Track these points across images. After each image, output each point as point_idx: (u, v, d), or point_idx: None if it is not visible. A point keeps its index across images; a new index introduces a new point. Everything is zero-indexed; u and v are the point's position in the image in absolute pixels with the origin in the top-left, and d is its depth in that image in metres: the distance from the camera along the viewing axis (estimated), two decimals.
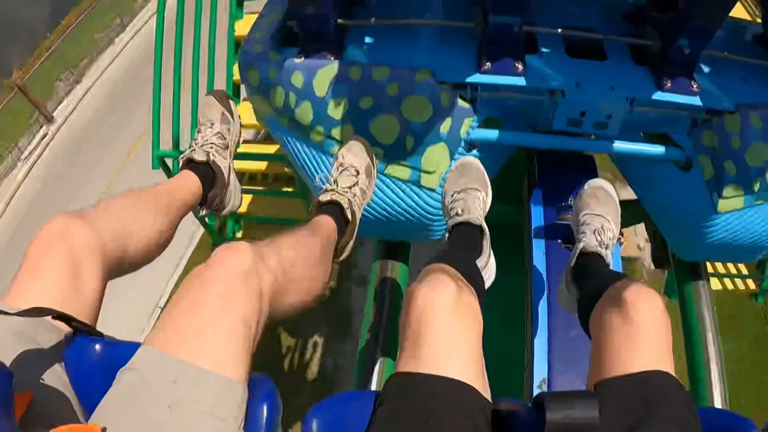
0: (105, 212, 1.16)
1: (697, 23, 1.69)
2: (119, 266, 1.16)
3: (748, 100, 1.86)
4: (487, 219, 1.61)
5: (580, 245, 1.55)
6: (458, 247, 1.46)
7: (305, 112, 1.84)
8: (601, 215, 1.60)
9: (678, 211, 2.04)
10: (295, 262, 1.15)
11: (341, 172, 1.63)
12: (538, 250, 1.97)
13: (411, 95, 1.76)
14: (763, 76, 1.98)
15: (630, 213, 2.02)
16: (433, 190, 1.85)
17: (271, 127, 2.04)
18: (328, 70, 1.81)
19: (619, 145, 1.90)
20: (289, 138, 1.97)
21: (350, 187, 1.61)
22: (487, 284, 1.53)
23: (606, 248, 1.55)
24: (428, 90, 1.75)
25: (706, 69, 1.95)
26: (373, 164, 1.74)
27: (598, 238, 1.55)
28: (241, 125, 1.77)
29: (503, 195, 1.98)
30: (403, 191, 1.89)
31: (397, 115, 1.78)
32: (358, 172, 1.65)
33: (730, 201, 1.93)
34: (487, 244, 1.56)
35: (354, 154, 1.68)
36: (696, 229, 2.03)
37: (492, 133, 1.85)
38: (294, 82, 1.84)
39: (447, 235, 1.59)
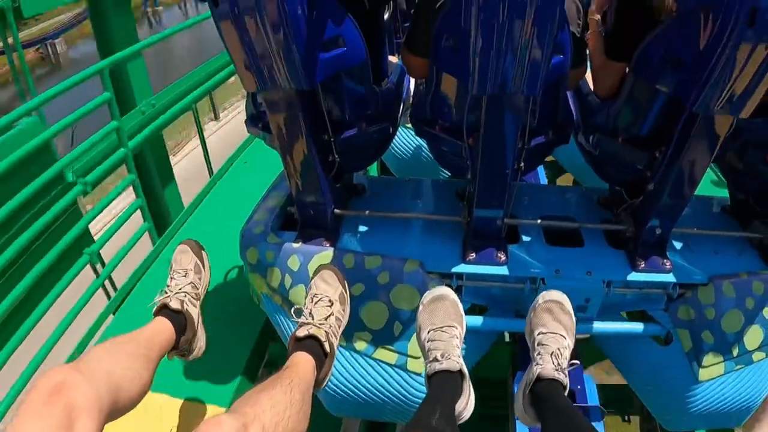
0: (98, 366, 1.21)
1: (665, 204, 1.80)
2: (110, 417, 1.20)
3: (719, 270, 1.94)
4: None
5: (537, 370, 1.46)
6: (439, 401, 1.41)
7: (299, 295, 1.90)
8: (557, 333, 1.53)
9: (660, 383, 2.08)
10: (278, 422, 1.19)
11: (315, 303, 1.65)
12: None
13: (400, 284, 1.83)
14: (733, 246, 2.08)
15: None
16: (419, 374, 1.88)
17: (265, 303, 2.10)
18: (323, 256, 1.90)
19: (599, 326, 1.97)
20: (280, 316, 2.03)
21: (326, 318, 1.62)
22: (467, 416, 1.50)
23: (563, 371, 1.47)
24: (416, 279, 1.83)
25: (678, 246, 2.06)
26: (345, 291, 1.76)
27: (555, 362, 1.47)
28: (210, 275, 1.88)
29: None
30: (390, 375, 1.92)
31: (386, 303, 1.85)
32: (332, 303, 1.67)
33: (711, 369, 1.97)
34: (467, 384, 1.51)
35: (326, 284, 1.71)
36: (679, 399, 2.05)
37: (477, 320, 1.92)
38: (290, 264, 1.92)
39: (427, 382, 1.52)
